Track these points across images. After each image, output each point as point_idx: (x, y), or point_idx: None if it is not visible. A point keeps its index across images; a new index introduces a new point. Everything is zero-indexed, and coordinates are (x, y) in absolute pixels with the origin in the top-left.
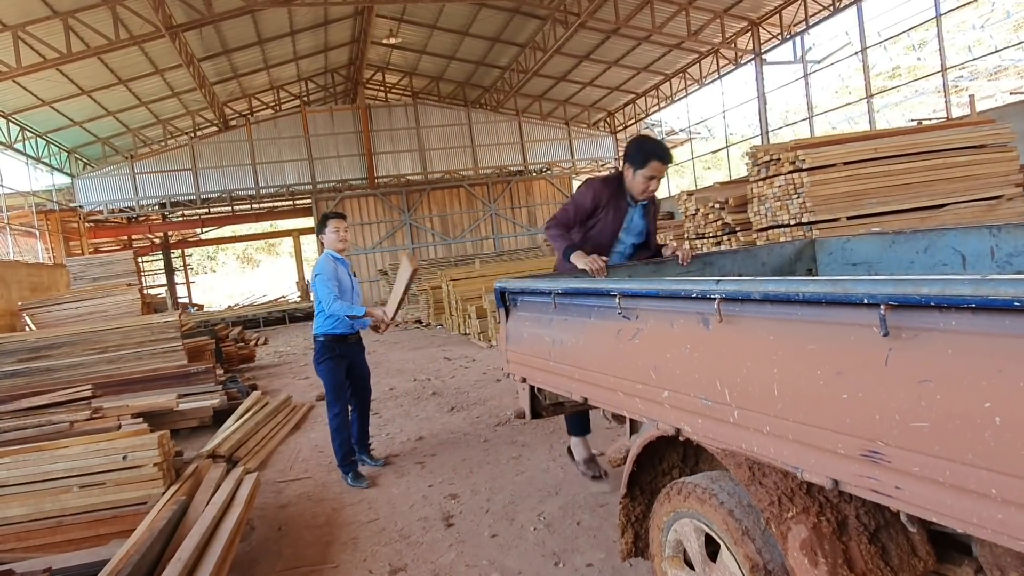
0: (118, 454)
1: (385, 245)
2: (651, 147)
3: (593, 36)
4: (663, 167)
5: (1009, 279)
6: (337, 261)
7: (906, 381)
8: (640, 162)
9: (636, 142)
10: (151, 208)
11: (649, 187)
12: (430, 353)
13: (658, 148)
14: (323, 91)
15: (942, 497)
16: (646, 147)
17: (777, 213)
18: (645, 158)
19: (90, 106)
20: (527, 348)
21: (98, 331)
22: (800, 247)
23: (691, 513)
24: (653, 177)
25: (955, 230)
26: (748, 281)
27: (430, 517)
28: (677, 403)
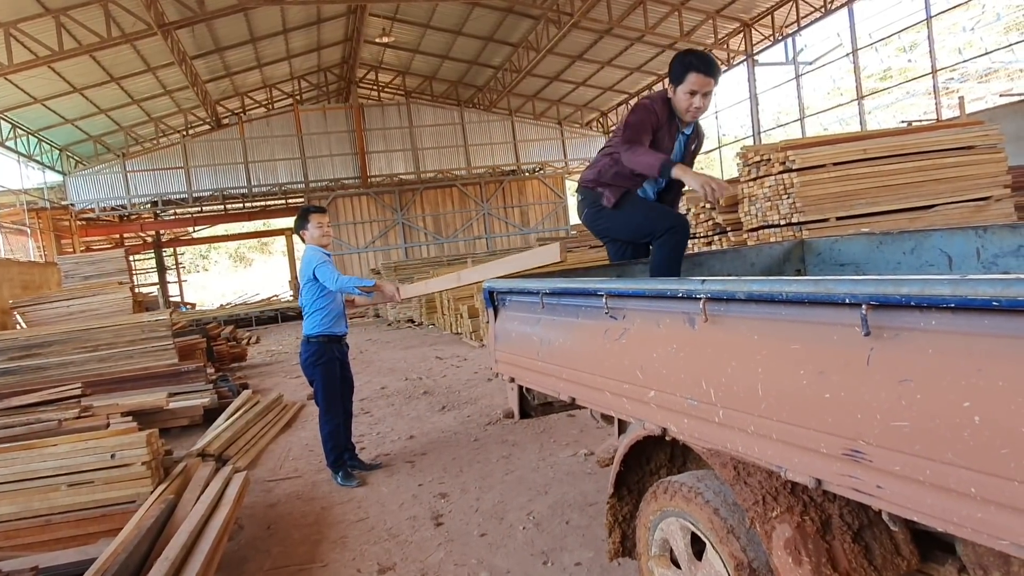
0: (107, 452)
1: (378, 244)
2: (690, 59)
3: (586, 36)
4: (706, 80)
5: (987, 279)
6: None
7: (887, 381)
8: (679, 76)
9: (676, 57)
10: (143, 206)
11: (692, 104)
12: (422, 352)
13: (697, 59)
14: (316, 90)
15: (923, 496)
16: (685, 60)
17: (767, 213)
18: (684, 70)
19: (82, 104)
20: (515, 348)
21: (89, 329)
22: (789, 248)
23: (677, 512)
24: (695, 92)
25: (942, 231)
26: (733, 281)
27: (419, 516)
28: (663, 403)
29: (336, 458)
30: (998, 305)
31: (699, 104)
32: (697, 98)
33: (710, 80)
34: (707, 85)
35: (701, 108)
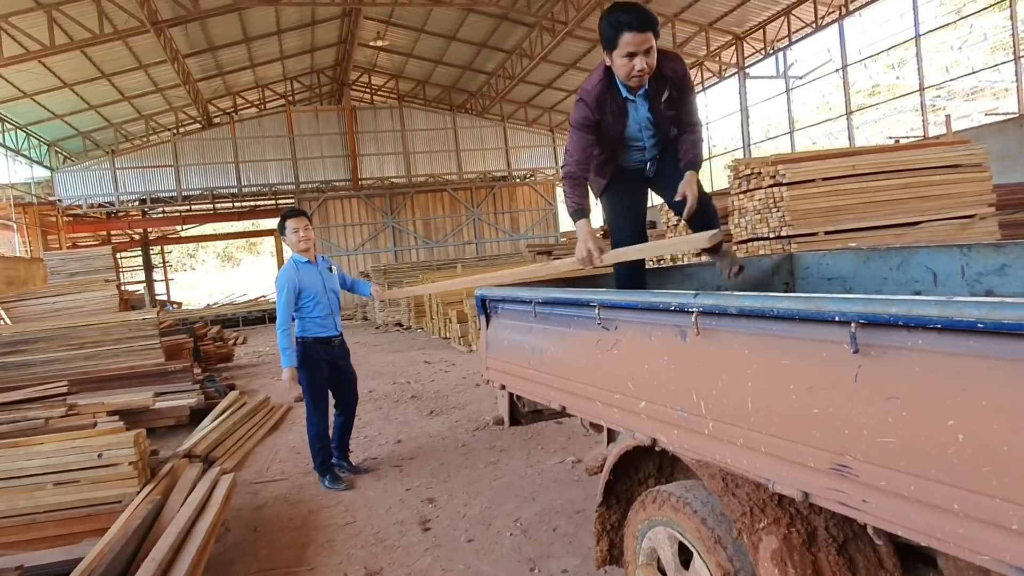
0: (93, 452)
1: (367, 247)
2: (618, 17)
3: (580, 45)
4: (643, 37)
5: (973, 301)
6: (301, 267)
7: (874, 397)
8: (611, 40)
9: (603, 18)
10: (131, 204)
11: (633, 68)
12: (410, 356)
13: (626, 14)
14: (308, 91)
15: (907, 511)
16: (613, 19)
17: (757, 226)
18: (615, 32)
19: (72, 99)
20: (507, 356)
21: (75, 327)
22: (778, 261)
23: (665, 521)
24: (633, 54)
25: (927, 248)
26: (725, 296)
27: (407, 521)
28: (654, 414)
29: (322, 461)
30: (983, 327)
31: (641, 66)
32: (638, 60)
33: (647, 35)
34: (645, 42)
35: (645, 70)
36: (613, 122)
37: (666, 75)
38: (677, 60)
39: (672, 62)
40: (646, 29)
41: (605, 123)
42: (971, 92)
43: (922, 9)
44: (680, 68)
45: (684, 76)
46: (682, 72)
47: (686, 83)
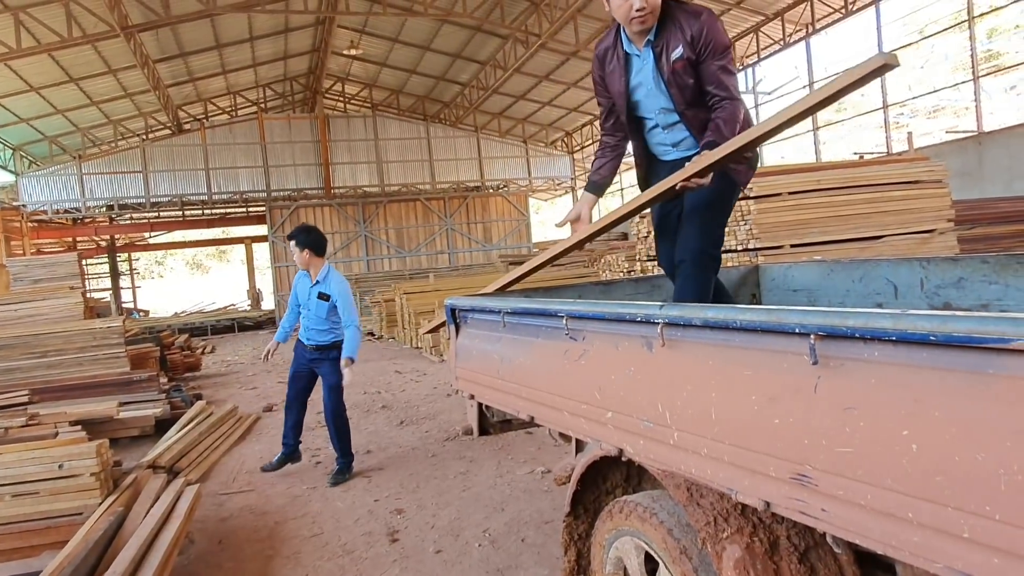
0: (54, 463)
1: (339, 256)
2: None
3: (553, 57)
4: None
5: (926, 314)
6: (301, 277)
7: (833, 408)
8: None
9: None
10: (98, 210)
11: (632, 8)
12: (381, 366)
13: None
14: (281, 99)
15: (864, 520)
16: None
17: (724, 239)
18: None
19: (38, 103)
20: (476, 365)
21: (37, 335)
22: (745, 273)
23: (632, 531)
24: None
25: (889, 261)
26: (690, 307)
27: (375, 532)
28: (620, 424)
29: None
30: (935, 340)
31: (640, 5)
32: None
33: None
34: None
35: (646, 8)
36: (617, 83)
37: (682, 28)
38: (703, 16)
39: (693, 17)
40: None
41: (609, 82)
42: (933, 110)
43: (885, 29)
44: (703, 26)
45: (708, 35)
46: (706, 30)
47: (711, 45)
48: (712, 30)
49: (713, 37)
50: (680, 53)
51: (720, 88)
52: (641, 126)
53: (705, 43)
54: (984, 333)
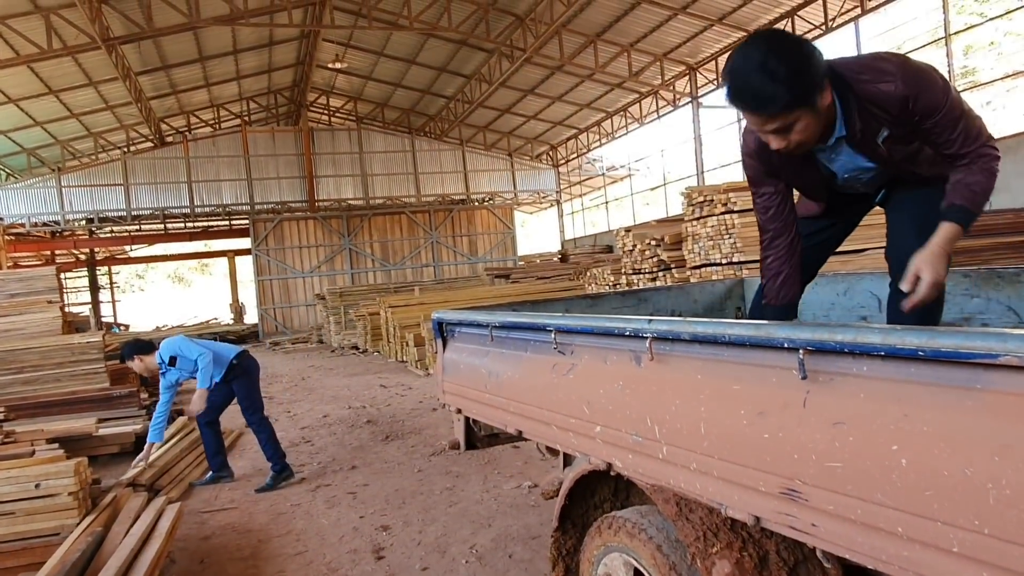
0: (31, 482)
1: (323, 269)
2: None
3: (538, 71)
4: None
5: (914, 330)
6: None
7: (822, 423)
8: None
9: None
10: (77, 223)
11: (772, 144)
12: (366, 380)
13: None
14: (265, 111)
15: (854, 535)
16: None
17: (710, 252)
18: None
19: (16, 115)
20: (463, 379)
21: (13, 350)
22: (730, 286)
23: (621, 547)
24: (763, 131)
25: (872, 275)
26: (679, 321)
27: (360, 550)
28: (609, 438)
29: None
30: (923, 355)
31: (777, 145)
32: (772, 139)
33: (759, 116)
34: (764, 122)
35: (787, 145)
36: (804, 175)
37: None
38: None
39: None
40: (753, 111)
41: (785, 175)
42: None
43: (865, 45)
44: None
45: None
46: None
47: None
48: (918, 97)
49: (922, 101)
50: (886, 134)
51: (957, 145)
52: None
53: (914, 111)
54: (972, 348)
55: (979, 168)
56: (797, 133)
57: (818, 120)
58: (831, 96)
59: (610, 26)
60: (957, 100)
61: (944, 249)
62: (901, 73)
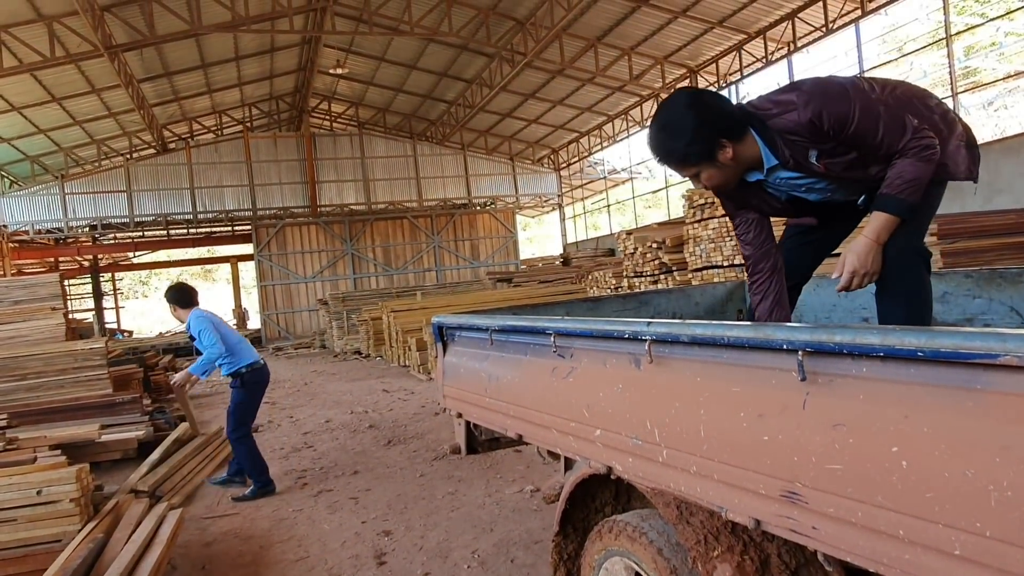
0: (32, 488)
1: (326, 274)
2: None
3: (539, 75)
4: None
5: (914, 330)
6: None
7: (822, 425)
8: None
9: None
10: (81, 230)
11: (695, 185)
12: (368, 385)
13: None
14: (267, 117)
15: (855, 537)
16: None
17: (712, 254)
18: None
19: (20, 123)
20: (464, 383)
21: (17, 357)
22: (731, 288)
23: (622, 551)
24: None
25: None
26: (677, 323)
27: (362, 555)
28: (609, 442)
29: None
30: (922, 355)
31: (698, 185)
32: (694, 181)
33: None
34: (680, 170)
35: (708, 184)
36: (763, 202)
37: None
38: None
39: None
40: (663, 163)
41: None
42: None
43: (865, 47)
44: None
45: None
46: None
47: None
48: (821, 112)
49: (830, 115)
50: (815, 154)
51: (884, 145)
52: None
53: (831, 127)
54: (972, 349)
55: (912, 157)
56: (706, 180)
57: (722, 170)
58: (736, 149)
59: (611, 29)
60: (868, 105)
61: (872, 240)
62: (803, 99)
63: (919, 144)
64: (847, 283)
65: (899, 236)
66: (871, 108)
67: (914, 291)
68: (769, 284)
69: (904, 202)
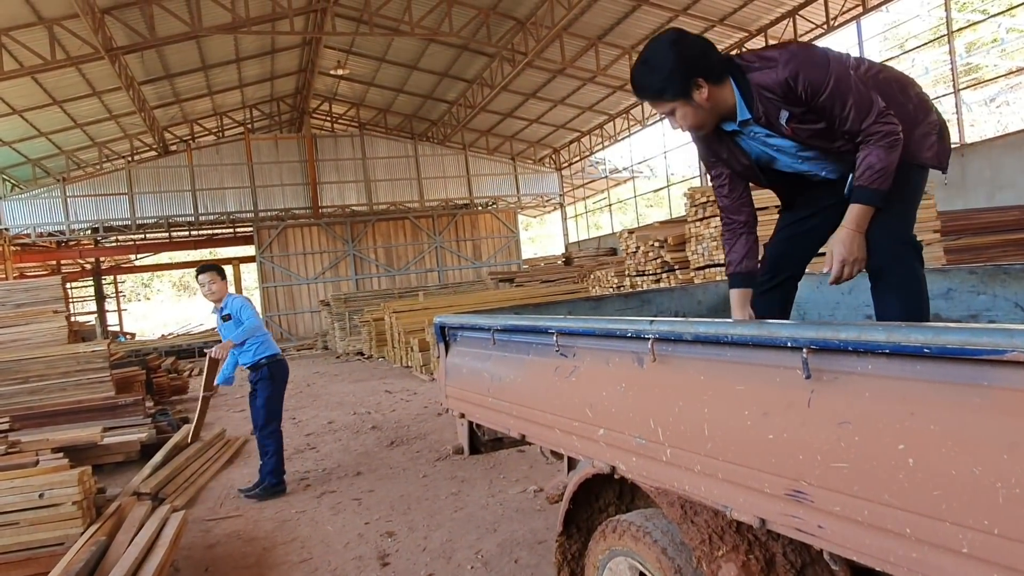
0: (34, 491)
1: (328, 275)
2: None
3: (539, 75)
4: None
5: (919, 327)
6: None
7: (827, 423)
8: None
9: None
10: (82, 232)
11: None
12: (371, 386)
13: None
14: (268, 119)
15: (861, 536)
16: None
17: (714, 253)
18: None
19: (21, 126)
20: (466, 384)
21: (19, 360)
22: None
23: (626, 551)
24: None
25: None
26: (680, 322)
27: (365, 556)
28: (612, 441)
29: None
30: (929, 352)
31: (675, 125)
32: (670, 119)
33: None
34: (656, 107)
35: (682, 127)
36: (734, 158)
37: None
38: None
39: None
40: (640, 96)
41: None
42: None
43: (867, 44)
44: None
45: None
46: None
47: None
48: (797, 74)
49: (805, 79)
50: (786, 116)
51: (850, 121)
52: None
53: (803, 91)
54: (978, 345)
55: (876, 144)
56: (680, 119)
57: (697, 112)
58: (713, 92)
59: (611, 28)
60: (844, 77)
61: (853, 229)
62: (784, 59)
63: (882, 130)
64: (838, 273)
65: (887, 230)
66: (846, 81)
67: (908, 282)
68: (738, 238)
69: (876, 192)
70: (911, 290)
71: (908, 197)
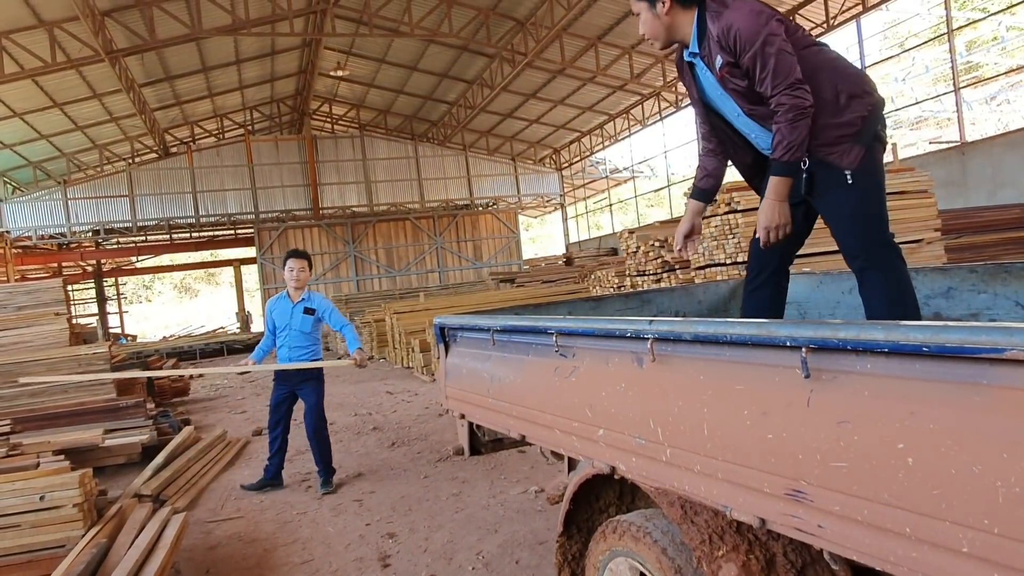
0: (35, 494)
1: (329, 276)
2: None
3: (539, 75)
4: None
5: (918, 325)
6: (281, 300)
7: (826, 422)
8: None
9: None
10: (83, 235)
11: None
12: (372, 387)
13: None
14: (268, 120)
15: (861, 536)
16: None
17: (714, 252)
18: None
19: (22, 129)
20: (466, 384)
21: (20, 362)
22: (735, 286)
23: (626, 552)
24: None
25: None
26: (679, 322)
27: (366, 557)
28: (612, 441)
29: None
30: (927, 351)
31: (641, 31)
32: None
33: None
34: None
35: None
36: (691, 90)
37: (711, 33)
38: (724, 14)
39: (716, 16)
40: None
41: (688, 90)
42: (916, 121)
43: (867, 43)
44: (724, 23)
45: (730, 32)
46: (725, 28)
47: (736, 39)
48: (732, 24)
49: (737, 31)
50: (721, 61)
51: (766, 84)
52: (730, 126)
53: (733, 42)
54: (977, 343)
55: (782, 117)
56: (641, 24)
57: (655, 22)
58: (674, 12)
59: (611, 28)
60: (772, 40)
61: (772, 199)
62: (732, 7)
63: (788, 102)
64: (764, 239)
65: (863, 235)
66: (773, 44)
67: (890, 280)
68: (708, 157)
69: (788, 164)
70: (895, 287)
71: (873, 197)
